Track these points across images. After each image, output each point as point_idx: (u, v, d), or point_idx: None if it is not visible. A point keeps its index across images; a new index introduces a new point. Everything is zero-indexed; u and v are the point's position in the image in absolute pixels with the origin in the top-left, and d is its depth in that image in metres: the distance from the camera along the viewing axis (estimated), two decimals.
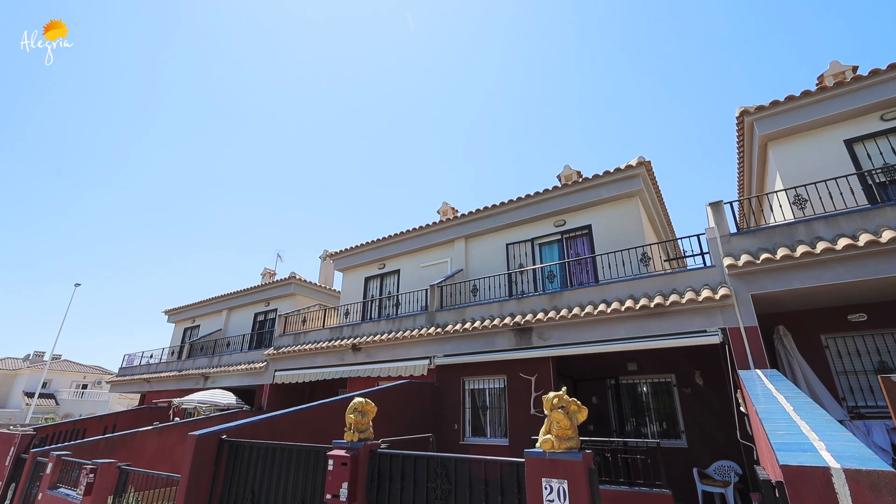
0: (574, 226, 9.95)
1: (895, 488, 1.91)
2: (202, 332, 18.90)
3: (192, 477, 4.87)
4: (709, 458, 7.65)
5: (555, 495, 2.59)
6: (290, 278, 16.00)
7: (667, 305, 6.90)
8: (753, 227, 7.07)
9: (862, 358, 7.04)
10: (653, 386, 8.87)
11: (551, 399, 2.70)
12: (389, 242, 12.89)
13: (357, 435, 3.68)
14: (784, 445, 2.41)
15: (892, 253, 5.71)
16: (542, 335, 8.09)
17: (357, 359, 10.54)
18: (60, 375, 36.51)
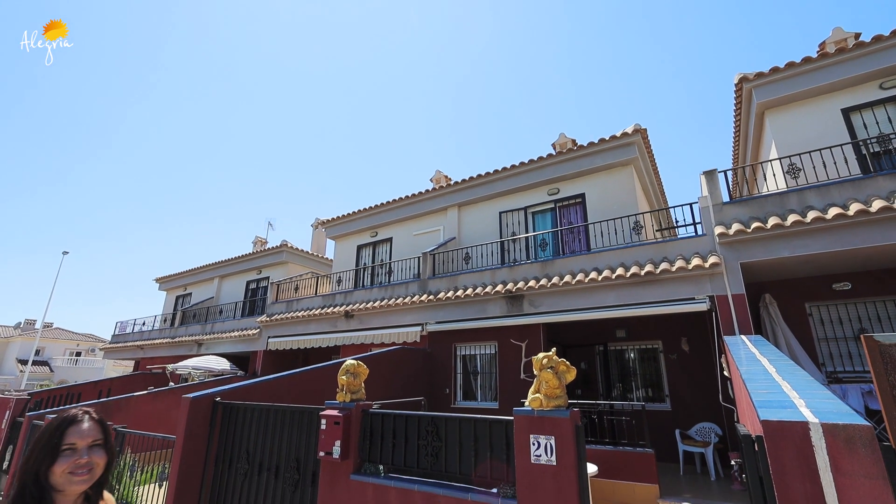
0: (568, 194, 9.90)
1: (869, 441, 1.97)
2: (194, 300, 18.88)
3: (188, 437, 4.95)
4: (691, 420, 7.93)
5: (542, 450, 2.66)
6: (282, 246, 15.90)
7: (657, 274, 6.97)
8: (746, 197, 7.07)
9: (843, 325, 7.23)
10: (640, 352, 9.08)
11: (541, 359, 2.73)
12: (382, 210, 12.78)
13: (349, 396, 3.73)
14: (765, 403, 2.48)
15: (882, 222, 5.76)
16: (533, 302, 8.17)
17: (350, 326, 10.62)
18: (53, 343, 36.55)
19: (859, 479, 1.94)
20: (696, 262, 6.71)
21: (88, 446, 1.27)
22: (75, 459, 1.24)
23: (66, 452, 1.24)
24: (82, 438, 1.27)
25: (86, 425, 1.30)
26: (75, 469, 1.23)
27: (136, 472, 6.15)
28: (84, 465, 1.25)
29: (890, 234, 5.71)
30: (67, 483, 1.23)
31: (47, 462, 1.22)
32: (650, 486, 5.75)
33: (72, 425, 1.28)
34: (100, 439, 1.31)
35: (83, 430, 1.28)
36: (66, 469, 1.22)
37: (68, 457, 1.24)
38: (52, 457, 1.23)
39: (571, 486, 2.58)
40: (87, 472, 1.25)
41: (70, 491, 1.24)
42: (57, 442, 1.24)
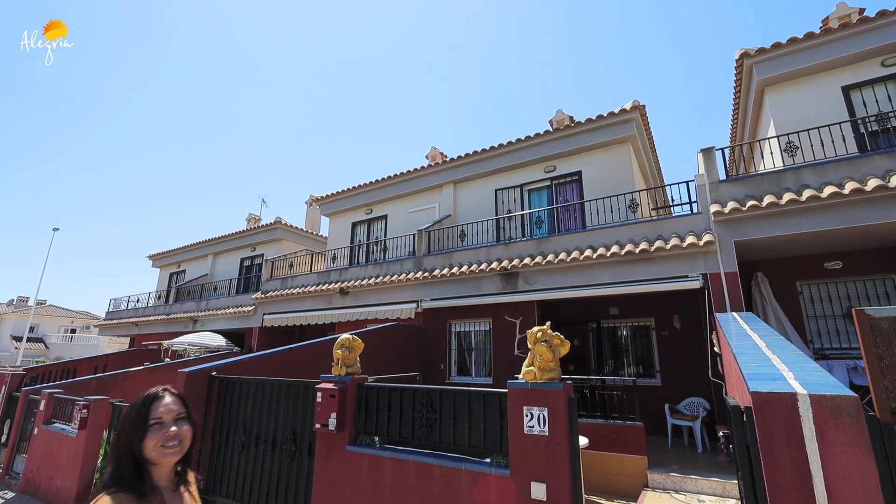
0: (564, 172, 9.83)
1: (855, 412, 2.01)
2: (188, 277, 18.81)
3: None
4: (681, 395, 8.10)
5: (535, 421, 2.70)
6: (276, 223, 15.77)
7: (651, 251, 6.99)
8: (742, 175, 7.05)
9: (833, 303, 7.34)
10: (633, 329, 9.20)
11: (535, 333, 2.75)
12: (377, 187, 12.65)
13: (345, 369, 3.76)
14: (755, 375, 2.51)
15: (876, 201, 5.78)
16: (528, 280, 8.21)
17: (345, 302, 10.65)
18: (47, 320, 36.48)
19: (843, 447, 1.99)
20: (691, 241, 6.73)
21: (174, 419, 1.34)
22: (164, 433, 1.30)
23: (154, 427, 1.30)
24: (168, 412, 1.34)
25: (168, 399, 1.37)
26: (166, 442, 1.30)
27: None
28: (173, 436, 1.31)
29: (884, 212, 5.73)
30: (161, 455, 1.29)
31: (139, 437, 1.28)
32: (639, 458, 5.91)
33: (155, 401, 1.35)
34: (183, 412, 1.38)
35: (167, 405, 1.35)
36: (158, 442, 1.29)
37: (157, 430, 1.30)
38: (143, 432, 1.29)
39: (563, 455, 2.63)
40: (178, 443, 1.32)
41: (164, 463, 1.31)
42: (144, 417, 1.31)
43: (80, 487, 6.01)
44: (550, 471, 2.64)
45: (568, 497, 2.59)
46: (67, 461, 6.28)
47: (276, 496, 4.15)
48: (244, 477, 4.50)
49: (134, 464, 1.27)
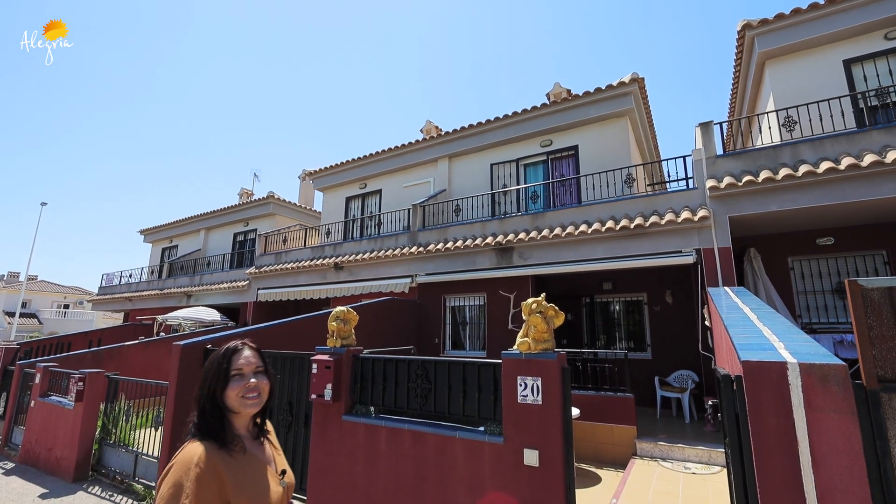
0: (561, 146, 9.72)
1: (842, 380, 2.04)
2: (180, 252, 18.67)
3: (180, 383, 5.02)
4: (670, 368, 8.28)
5: (529, 391, 2.74)
6: (269, 198, 15.58)
7: (646, 227, 7.00)
8: (739, 150, 7.00)
9: (822, 279, 7.44)
10: (625, 304, 9.31)
11: (530, 304, 2.76)
12: (371, 161, 12.47)
13: (340, 341, 3.77)
14: (746, 346, 2.54)
15: (872, 177, 5.78)
16: (522, 255, 8.22)
17: (339, 277, 10.64)
18: (40, 296, 36.29)
19: (829, 413, 2.02)
20: (686, 216, 6.74)
21: (253, 372, 1.39)
22: (245, 384, 1.35)
23: (235, 377, 1.36)
24: (248, 364, 1.39)
25: (248, 353, 1.42)
26: (246, 393, 1.35)
27: (131, 417, 6.29)
28: (253, 388, 1.37)
29: (878, 188, 5.74)
30: (241, 406, 1.35)
31: (221, 386, 1.35)
32: (628, 428, 6.07)
33: (236, 353, 1.40)
34: (261, 366, 1.43)
35: (247, 357, 1.40)
36: (239, 393, 1.34)
37: (238, 381, 1.35)
38: (225, 381, 1.35)
39: (556, 423, 2.68)
40: (257, 395, 1.38)
41: (244, 413, 1.37)
42: (226, 368, 1.37)
43: (80, 457, 6.09)
44: (543, 438, 2.69)
45: (560, 463, 2.65)
46: (65, 433, 6.34)
47: None
48: None
49: (217, 413, 1.33)
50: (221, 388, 1.35)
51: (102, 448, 6.32)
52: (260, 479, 1.32)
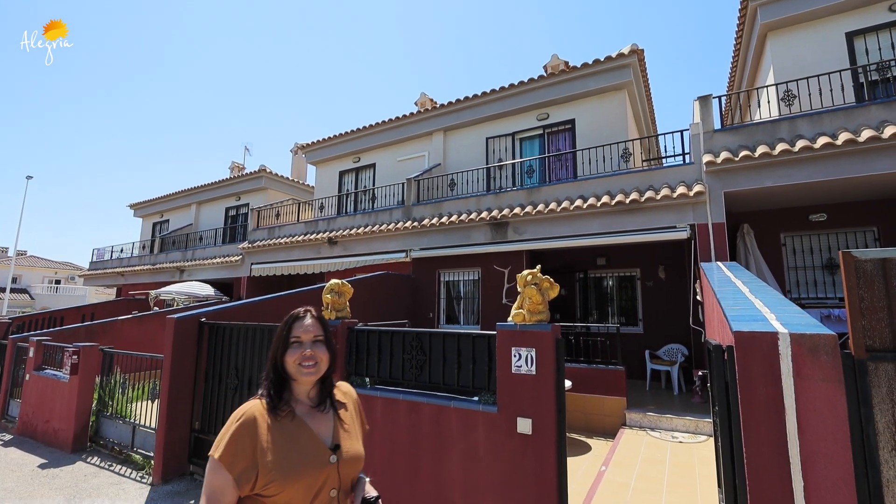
0: (557, 120, 9.57)
1: (832, 349, 2.07)
2: (172, 227, 18.46)
3: (175, 355, 5.03)
4: (661, 342, 8.42)
5: (523, 361, 2.77)
6: (261, 172, 15.32)
7: (642, 202, 6.98)
8: (737, 124, 6.94)
9: (813, 255, 7.51)
10: (618, 280, 9.39)
11: (525, 276, 2.75)
12: (364, 134, 12.24)
13: (334, 314, 3.78)
14: (738, 317, 2.57)
15: (868, 153, 5.76)
16: (517, 229, 8.21)
17: (333, 252, 10.60)
18: (30, 271, 35.94)
19: (817, 382, 2.06)
20: (681, 191, 6.72)
21: (311, 341, 1.40)
22: (301, 352, 1.38)
23: (294, 345, 1.39)
24: (305, 333, 1.40)
25: (308, 321, 1.44)
26: (302, 361, 1.37)
27: (127, 390, 6.33)
28: (309, 357, 1.38)
29: (874, 164, 5.74)
30: (298, 373, 1.37)
31: (281, 352, 1.39)
32: (619, 399, 6.21)
33: (296, 321, 1.43)
34: (321, 336, 1.43)
35: (306, 326, 1.42)
36: (296, 360, 1.37)
37: (296, 349, 1.38)
38: (284, 348, 1.39)
39: (549, 393, 2.72)
40: (313, 365, 1.38)
41: (302, 381, 1.39)
42: (286, 335, 1.41)
43: (78, 429, 6.14)
44: (536, 407, 2.73)
45: (553, 431, 2.70)
46: (62, 405, 6.38)
47: None
48: None
49: (278, 377, 1.39)
50: (281, 354, 1.39)
51: (100, 420, 6.37)
52: (298, 447, 1.30)
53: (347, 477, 1.37)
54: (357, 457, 1.41)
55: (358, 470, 1.42)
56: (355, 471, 1.41)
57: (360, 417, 1.55)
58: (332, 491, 1.32)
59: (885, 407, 2.00)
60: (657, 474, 4.45)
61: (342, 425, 1.43)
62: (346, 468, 1.36)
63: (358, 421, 1.52)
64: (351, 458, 1.39)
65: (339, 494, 1.34)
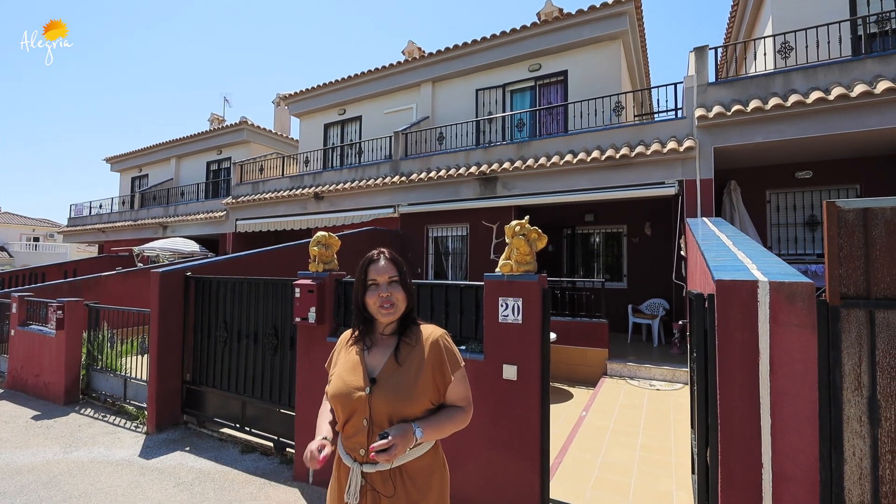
0: (550, 71, 9.27)
1: (808, 297, 2.13)
2: (151, 182, 17.90)
3: (162, 310, 5.01)
4: (644, 297, 8.65)
5: (510, 311, 2.81)
6: (242, 124, 14.74)
7: (632, 157, 6.92)
8: (732, 77, 6.80)
9: (796, 212, 7.63)
10: (605, 236, 9.48)
11: (513, 226, 2.74)
12: (349, 84, 11.75)
13: (322, 266, 3.76)
14: (720, 266, 2.61)
15: (859, 108, 5.73)
16: (506, 185, 8.13)
17: (320, 208, 10.45)
18: (6, 228, 34.93)
19: (791, 327, 2.13)
20: (672, 146, 6.67)
21: (387, 283, 1.46)
22: (379, 293, 1.44)
23: (371, 287, 1.47)
24: (380, 275, 1.46)
25: (382, 263, 1.48)
26: (380, 302, 1.44)
27: (115, 345, 6.34)
28: (385, 298, 1.44)
29: (864, 120, 5.73)
30: (378, 314, 1.46)
31: (361, 293, 1.49)
32: (601, 351, 6.44)
33: (372, 263, 1.49)
34: (396, 276, 1.48)
35: (380, 268, 1.47)
36: (375, 302, 1.45)
37: (374, 291, 1.45)
38: (363, 290, 1.48)
39: (535, 341, 2.79)
40: (391, 305, 1.45)
41: (382, 321, 1.48)
42: (364, 278, 1.48)
43: (69, 382, 6.19)
44: (522, 355, 2.81)
45: (537, 377, 2.79)
46: (51, 360, 6.39)
47: (262, 384, 4.38)
48: (229, 369, 4.69)
49: (362, 316, 1.52)
50: (362, 296, 1.48)
51: (90, 373, 6.42)
52: (347, 373, 1.46)
53: (383, 411, 1.36)
54: (399, 395, 1.37)
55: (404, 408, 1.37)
56: (397, 408, 1.36)
57: (439, 362, 1.45)
58: (363, 420, 1.38)
59: (853, 351, 2.09)
60: (634, 418, 4.70)
61: (397, 362, 1.44)
62: (379, 402, 1.37)
63: (431, 364, 1.44)
64: (389, 394, 1.37)
65: (370, 426, 1.37)
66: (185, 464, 4.07)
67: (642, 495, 3.14)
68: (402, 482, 1.38)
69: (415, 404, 1.39)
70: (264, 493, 3.52)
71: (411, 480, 1.39)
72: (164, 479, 3.78)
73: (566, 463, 3.65)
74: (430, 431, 1.37)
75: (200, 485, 3.67)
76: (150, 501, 3.40)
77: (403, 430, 1.31)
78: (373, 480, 1.37)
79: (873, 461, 2.04)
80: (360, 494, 1.36)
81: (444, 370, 1.46)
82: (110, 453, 4.35)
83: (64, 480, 3.76)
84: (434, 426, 1.39)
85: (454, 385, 1.48)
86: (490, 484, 2.87)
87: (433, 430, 1.38)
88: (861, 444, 2.07)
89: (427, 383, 1.42)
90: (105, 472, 3.90)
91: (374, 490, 1.36)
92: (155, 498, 3.45)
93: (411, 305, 1.52)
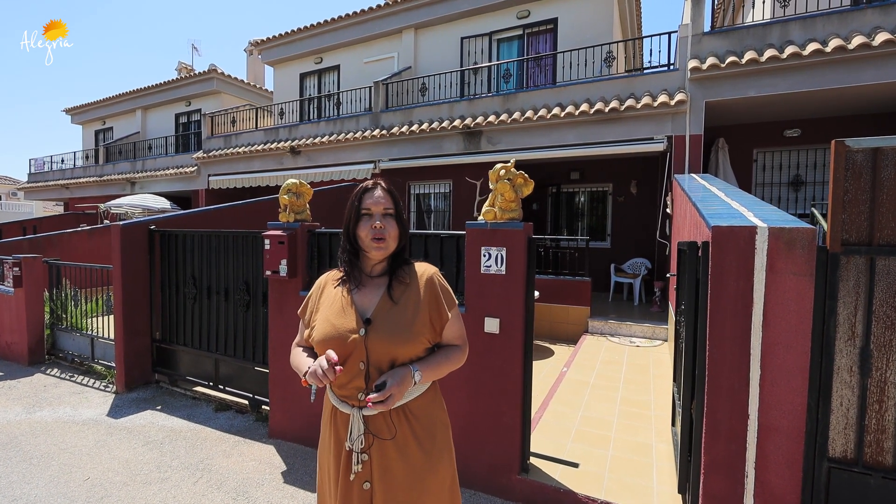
0: (539, 18, 8.76)
1: (808, 243, 2.01)
2: (116, 135, 16.86)
3: (125, 266, 4.72)
4: (627, 257, 8.64)
5: (493, 261, 2.65)
6: (211, 73, 13.79)
7: (621, 110, 6.67)
8: (727, 27, 6.49)
9: (782, 171, 7.58)
10: (591, 195, 9.33)
11: (498, 170, 2.53)
12: (326, 30, 10.96)
13: (293, 216, 3.50)
14: (715, 214, 2.48)
15: (855, 62, 5.55)
16: (491, 140, 7.82)
17: (297, 163, 9.98)
18: None
19: (788, 275, 2.02)
20: (663, 99, 6.42)
21: (382, 214, 1.36)
22: (372, 223, 1.34)
23: (364, 216, 1.36)
24: (375, 204, 1.36)
25: (378, 193, 1.39)
26: (373, 234, 1.33)
27: (80, 303, 6.04)
28: (378, 229, 1.33)
29: (859, 75, 5.56)
30: (368, 246, 1.35)
31: (353, 222, 1.38)
32: (583, 308, 6.43)
33: (366, 192, 1.40)
34: (391, 209, 1.38)
35: (376, 197, 1.38)
36: (367, 233, 1.34)
37: (367, 220, 1.35)
38: (356, 219, 1.37)
39: (518, 293, 2.65)
40: (382, 239, 1.34)
41: (372, 255, 1.37)
42: (357, 205, 1.38)
43: (32, 342, 5.91)
44: (505, 307, 2.68)
45: (520, 330, 2.67)
46: (11, 319, 6.08)
47: (234, 342, 4.20)
48: (200, 327, 4.49)
49: (351, 247, 1.41)
50: (353, 226, 1.38)
51: (55, 333, 6.14)
52: (336, 315, 1.35)
53: (380, 352, 1.30)
54: (398, 335, 1.30)
55: (402, 347, 1.30)
56: (396, 347, 1.30)
57: (435, 300, 1.39)
58: (360, 363, 1.29)
59: (849, 300, 2.00)
60: (614, 373, 4.71)
61: (392, 301, 1.36)
62: (376, 343, 1.29)
63: (427, 302, 1.37)
64: (387, 334, 1.30)
65: (367, 368, 1.30)
66: (156, 422, 3.93)
67: (622, 447, 3.13)
68: (407, 420, 1.34)
69: (414, 343, 1.32)
70: (238, 451, 3.42)
71: (416, 419, 1.35)
72: (133, 437, 3.63)
73: (547, 417, 3.63)
74: (428, 372, 1.33)
75: (171, 443, 3.54)
76: (116, 461, 3.26)
77: (401, 374, 1.26)
78: (375, 424, 1.30)
79: (860, 411, 1.99)
80: (364, 439, 1.29)
81: (441, 308, 1.39)
82: (77, 413, 4.17)
83: (25, 441, 3.58)
84: (432, 366, 1.35)
85: (451, 323, 1.42)
86: (471, 438, 2.80)
87: (431, 370, 1.34)
88: (849, 394, 2.01)
89: (424, 321, 1.36)
90: (70, 432, 3.73)
91: (377, 435, 1.30)
92: (122, 457, 3.31)
93: (404, 243, 1.42)
